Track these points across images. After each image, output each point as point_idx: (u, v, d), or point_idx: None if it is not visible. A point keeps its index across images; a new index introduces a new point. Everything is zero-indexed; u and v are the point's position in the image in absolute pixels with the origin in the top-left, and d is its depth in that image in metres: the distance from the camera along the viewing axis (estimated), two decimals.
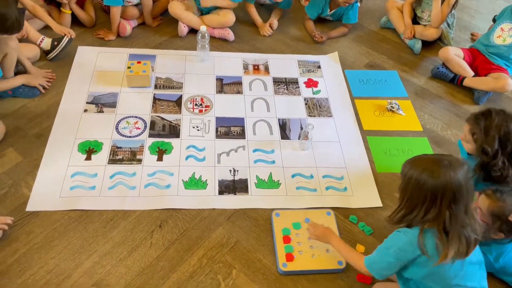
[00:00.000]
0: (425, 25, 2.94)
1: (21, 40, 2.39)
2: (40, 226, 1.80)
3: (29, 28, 2.43)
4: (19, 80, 2.25)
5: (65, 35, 2.48)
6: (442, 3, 2.78)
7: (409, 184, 1.37)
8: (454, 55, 2.69)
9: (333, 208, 1.98)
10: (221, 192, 2.00)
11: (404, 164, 1.43)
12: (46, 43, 2.46)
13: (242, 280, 1.72)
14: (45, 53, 2.50)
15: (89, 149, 2.10)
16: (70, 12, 2.65)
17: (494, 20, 2.77)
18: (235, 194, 2.01)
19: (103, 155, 2.09)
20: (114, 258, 1.74)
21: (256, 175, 2.09)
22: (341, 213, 1.99)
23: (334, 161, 2.20)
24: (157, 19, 2.91)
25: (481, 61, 2.70)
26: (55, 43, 2.46)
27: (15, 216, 1.81)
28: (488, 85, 2.58)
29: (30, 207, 1.85)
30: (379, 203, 2.04)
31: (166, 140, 2.19)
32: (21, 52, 2.26)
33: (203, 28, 2.52)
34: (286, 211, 1.93)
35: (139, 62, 2.44)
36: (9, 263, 1.68)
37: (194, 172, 2.06)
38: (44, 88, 2.33)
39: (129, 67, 2.40)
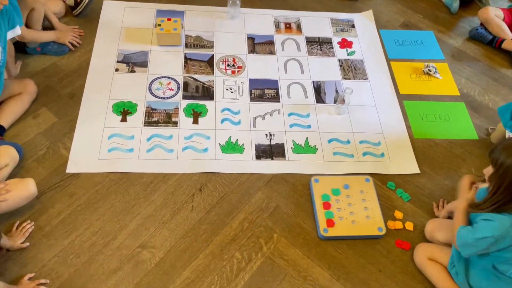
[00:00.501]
0: None
1: None
2: (82, 188, 1.81)
3: None
4: (50, 35, 2.18)
5: None
6: None
7: (508, 173, 1.34)
8: (494, 16, 2.57)
9: (370, 174, 1.97)
10: (258, 157, 1.99)
11: (496, 152, 1.39)
12: None
13: (283, 244, 1.74)
14: (70, 8, 2.40)
15: (124, 110, 2.06)
16: None
17: None
18: (272, 159, 1.99)
19: (138, 116, 2.06)
20: (157, 220, 1.76)
21: (293, 140, 2.06)
22: (379, 179, 1.98)
23: (370, 126, 2.17)
24: None
25: None
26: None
27: (56, 178, 1.82)
28: None
29: (70, 169, 1.85)
30: (416, 170, 2.03)
31: (200, 102, 2.15)
32: (48, 6, 2.17)
33: None
34: (324, 177, 1.92)
35: (169, 19, 2.34)
36: (54, 225, 1.70)
37: (231, 136, 2.04)
38: (73, 45, 2.26)
39: (159, 25, 2.32)
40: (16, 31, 1.89)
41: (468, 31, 2.70)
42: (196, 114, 2.10)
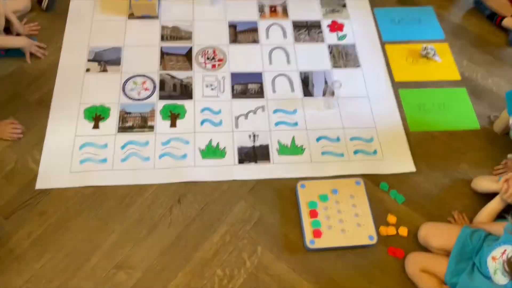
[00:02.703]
0: None
1: None
2: (53, 205, 1.71)
3: None
4: (21, 42, 2.01)
5: None
6: None
7: None
8: None
9: (362, 175, 1.84)
10: (241, 161, 1.86)
11: None
12: None
13: (267, 258, 1.64)
14: (38, 2, 2.22)
15: (96, 116, 1.93)
16: None
17: None
18: (256, 162, 1.86)
19: (112, 122, 1.92)
20: (133, 238, 1.66)
21: (278, 140, 1.92)
22: (371, 179, 1.85)
23: (362, 120, 2.01)
24: None
25: None
26: None
27: (25, 195, 1.72)
28: None
29: (39, 185, 1.75)
30: (412, 168, 1.88)
31: (178, 102, 2.00)
32: (9, 6, 1.99)
33: None
34: (311, 181, 1.79)
35: None
36: (25, 247, 1.61)
37: (211, 139, 1.90)
38: (32, 55, 2.07)
39: None
40: None
41: (471, 3, 2.46)
42: (174, 116, 1.96)
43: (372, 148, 1.93)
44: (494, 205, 1.63)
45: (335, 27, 2.32)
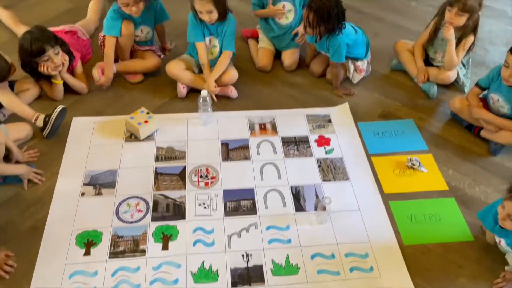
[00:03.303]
0: (438, 67, 2.76)
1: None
2: None
3: (22, 107, 2.29)
4: (19, 170, 2.09)
5: (55, 109, 2.31)
6: (456, 45, 2.59)
7: None
8: (465, 106, 2.47)
9: None
10: (234, 284, 1.81)
11: None
12: (40, 120, 2.31)
13: None
14: (40, 129, 2.34)
15: (88, 242, 1.92)
16: (61, 82, 2.50)
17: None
18: (250, 285, 1.81)
19: (103, 247, 1.91)
20: None
21: (272, 260, 1.89)
22: None
23: (356, 235, 2.01)
24: None
25: None
26: (46, 119, 2.30)
27: None
28: (505, 138, 2.35)
29: None
30: (410, 285, 1.83)
31: (171, 223, 2.01)
32: (9, 137, 2.10)
33: (204, 93, 2.36)
34: None
35: (148, 113, 2.41)
36: None
37: (204, 261, 1.87)
38: (30, 181, 2.13)
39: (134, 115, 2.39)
40: None
41: (449, 115, 2.62)
42: (166, 238, 1.95)
43: (368, 264, 1.90)
44: None
45: (322, 141, 2.44)
